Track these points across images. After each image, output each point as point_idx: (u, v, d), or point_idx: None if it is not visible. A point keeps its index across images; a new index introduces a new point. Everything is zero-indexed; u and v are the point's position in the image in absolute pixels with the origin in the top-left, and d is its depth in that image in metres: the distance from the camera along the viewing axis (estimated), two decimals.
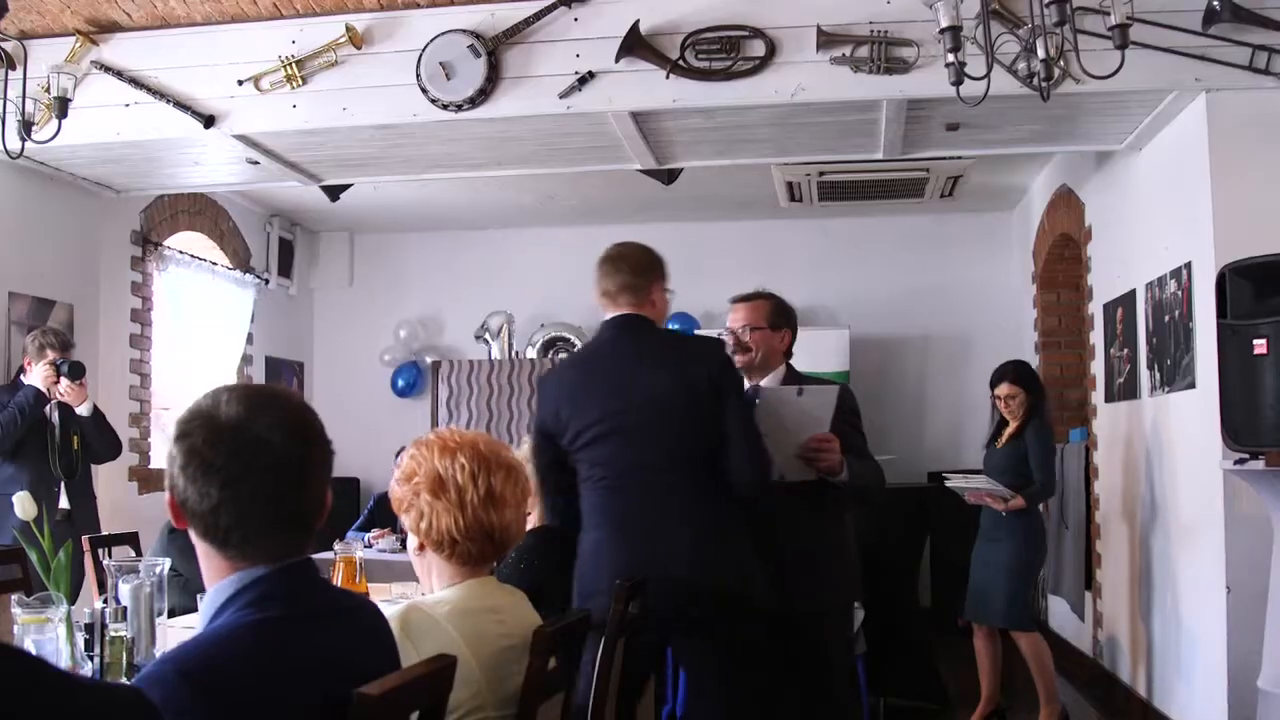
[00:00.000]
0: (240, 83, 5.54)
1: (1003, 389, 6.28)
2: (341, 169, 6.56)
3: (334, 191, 7.08)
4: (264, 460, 1.85)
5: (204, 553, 1.90)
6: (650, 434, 3.71)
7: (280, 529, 1.89)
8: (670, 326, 9.45)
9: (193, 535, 1.90)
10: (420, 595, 2.67)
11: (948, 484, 6.31)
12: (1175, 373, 5.70)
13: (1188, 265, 5.51)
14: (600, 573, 3.62)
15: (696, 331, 9.27)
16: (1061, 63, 4.72)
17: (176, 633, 3.24)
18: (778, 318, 4.40)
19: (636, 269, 4.03)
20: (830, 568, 4.25)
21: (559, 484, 3.86)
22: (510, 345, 9.54)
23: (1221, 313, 4.55)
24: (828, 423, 3.95)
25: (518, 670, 2.39)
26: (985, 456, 6.44)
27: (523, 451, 4.05)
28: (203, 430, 1.85)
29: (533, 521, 4.01)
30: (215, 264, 8.43)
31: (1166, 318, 5.82)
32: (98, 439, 6.07)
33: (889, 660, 6.51)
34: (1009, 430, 6.28)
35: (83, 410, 5.96)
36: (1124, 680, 6.69)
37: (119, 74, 5.61)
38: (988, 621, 6.22)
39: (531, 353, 9.53)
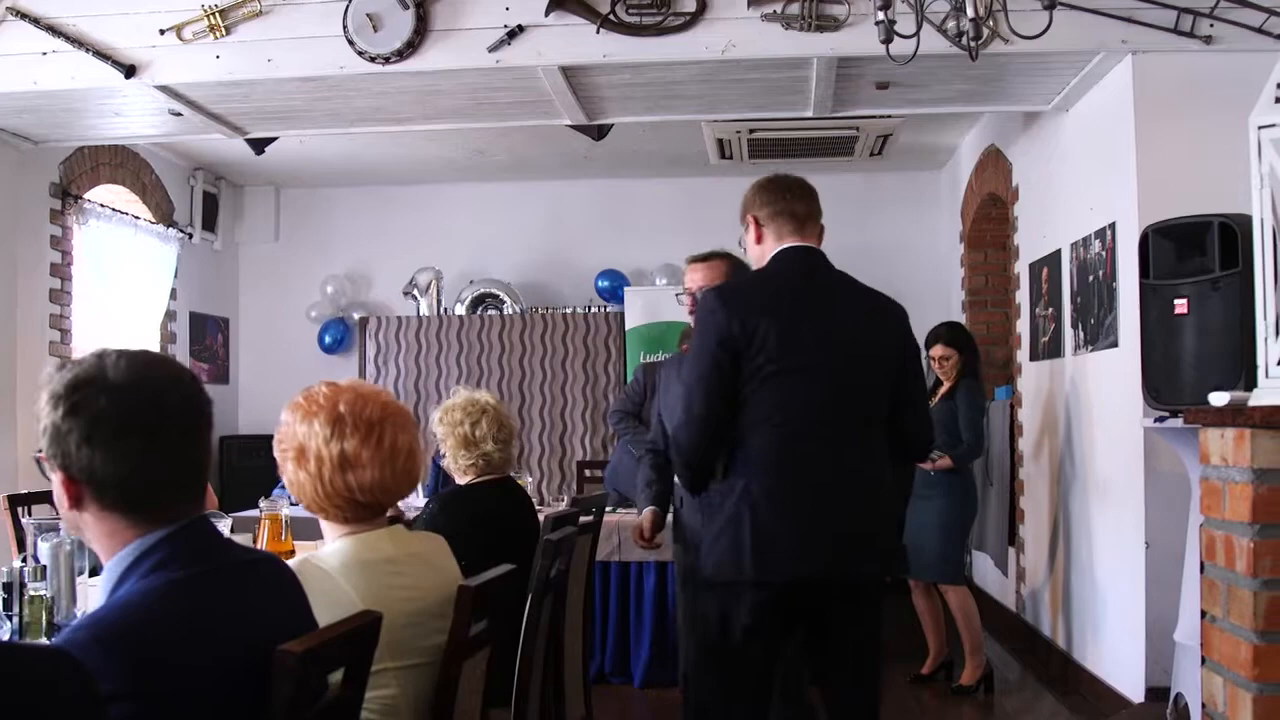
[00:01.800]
0: (162, 32, 5.41)
1: (936, 350, 6.37)
2: (267, 121, 6.45)
3: (259, 145, 6.97)
4: (169, 416, 1.83)
5: (107, 527, 1.85)
6: (841, 381, 3.35)
7: (187, 486, 1.87)
8: (600, 282, 9.47)
9: (93, 512, 1.84)
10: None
11: None
12: (1098, 332, 5.78)
13: (1112, 226, 5.58)
14: (781, 525, 3.25)
15: (626, 289, 9.25)
16: (990, 22, 4.73)
17: (97, 592, 3.20)
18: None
19: (817, 200, 3.63)
20: None
21: (719, 426, 3.32)
22: (439, 302, 9.47)
23: (1144, 273, 4.61)
24: None
25: (416, 623, 2.37)
26: None
27: (454, 400, 4.03)
28: (103, 393, 1.80)
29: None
30: (138, 218, 8.27)
31: (1090, 277, 5.89)
32: None
33: None
34: (942, 389, 6.38)
35: None
36: (1045, 634, 6.80)
37: (36, 21, 5.46)
38: (921, 577, 6.31)
39: (460, 309, 9.48)
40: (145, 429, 1.81)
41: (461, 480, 4.02)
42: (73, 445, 1.80)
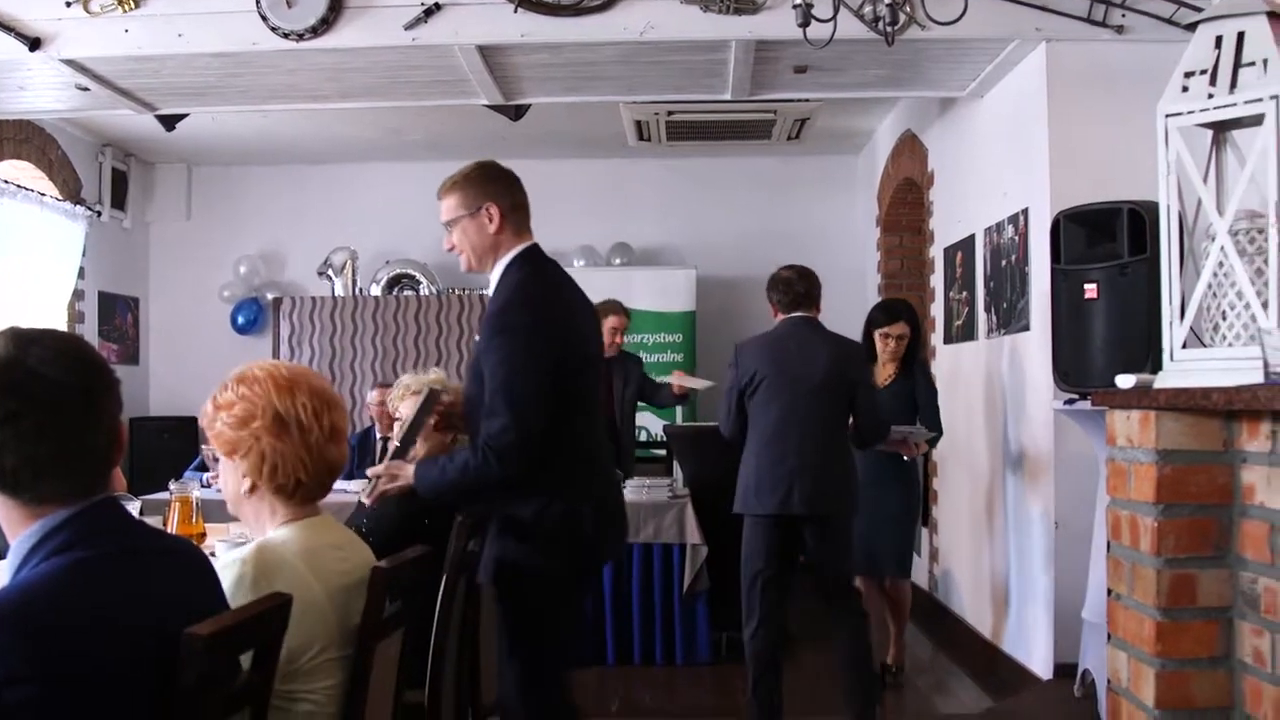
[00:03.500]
0: (69, 4, 5.28)
1: (897, 328, 5.95)
2: (177, 98, 6.34)
3: (169, 121, 6.83)
4: (41, 394, 1.77)
5: (2, 506, 1.82)
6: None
7: (73, 467, 1.81)
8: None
9: None
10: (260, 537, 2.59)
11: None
12: (1011, 315, 5.86)
13: (1025, 211, 5.65)
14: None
15: None
16: (906, 8, 4.77)
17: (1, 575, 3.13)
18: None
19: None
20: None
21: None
22: (354, 282, 9.37)
23: (1055, 258, 4.68)
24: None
25: (360, 608, 2.36)
26: None
27: (426, 378, 3.99)
28: None
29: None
30: (44, 195, 8.08)
31: (1003, 262, 5.97)
32: None
33: (732, 596, 6.60)
34: (888, 371, 6.01)
35: None
36: (957, 612, 6.90)
37: None
38: (879, 573, 5.98)
39: (376, 290, 9.39)
40: (11, 410, 1.76)
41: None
42: None
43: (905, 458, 5.88)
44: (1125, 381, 2.92)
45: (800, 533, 4.98)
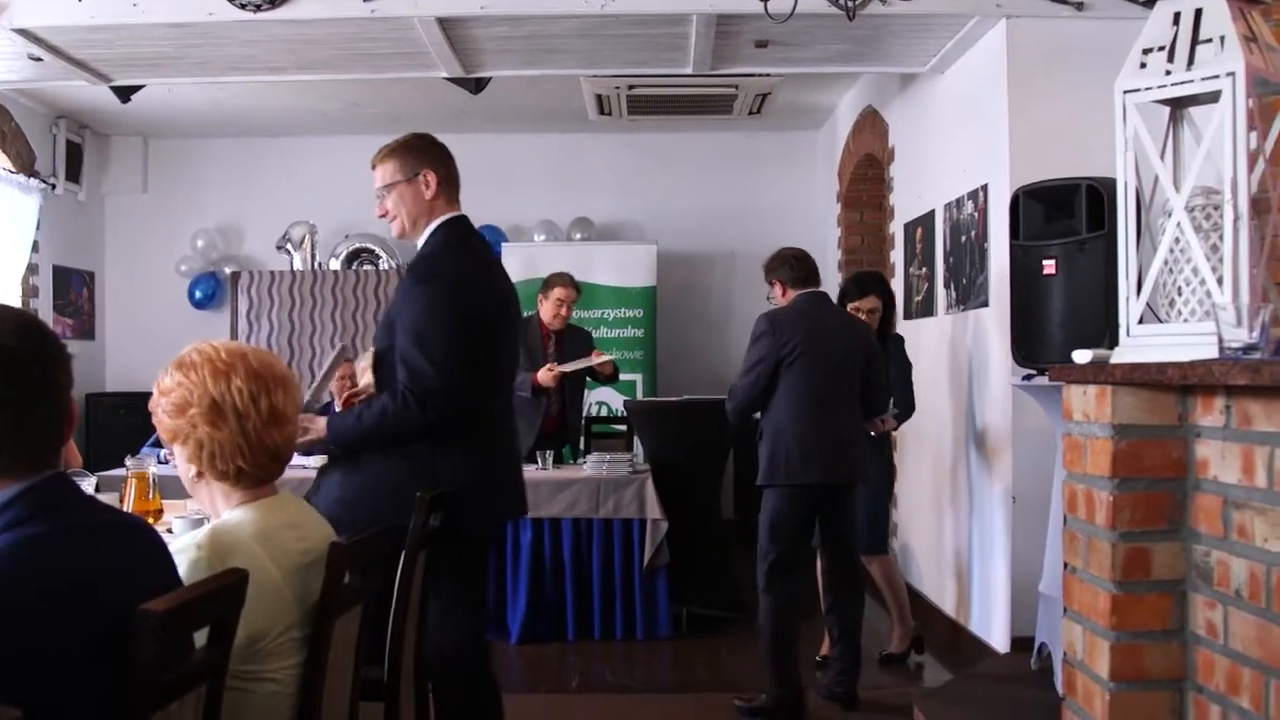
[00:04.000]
0: None
1: (868, 302, 5.83)
2: (133, 69, 6.27)
3: (125, 93, 6.75)
4: (1, 365, 1.76)
5: None
6: None
7: (26, 440, 1.80)
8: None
9: None
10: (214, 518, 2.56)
11: None
12: (970, 291, 5.88)
13: (984, 187, 5.67)
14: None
15: (503, 245, 9.16)
16: None
17: None
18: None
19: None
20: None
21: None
22: (313, 256, 9.30)
23: (1014, 234, 4.69)
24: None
25: (319, 586, 2.35)
26: None
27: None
28: None
29: None
30: None
31: (963, 238, 5.99)
32: None
33: (692, 571, 6.63)
34: None
35: None
36: (915, 586, 6.94)
37: None
38: None
39: (335, 264, 9.33)
40: None
41: None
42: None
43: (872, 434, 5.73)
44: (1082, 357, 2.94)
45: (819, 503, 5.14)
